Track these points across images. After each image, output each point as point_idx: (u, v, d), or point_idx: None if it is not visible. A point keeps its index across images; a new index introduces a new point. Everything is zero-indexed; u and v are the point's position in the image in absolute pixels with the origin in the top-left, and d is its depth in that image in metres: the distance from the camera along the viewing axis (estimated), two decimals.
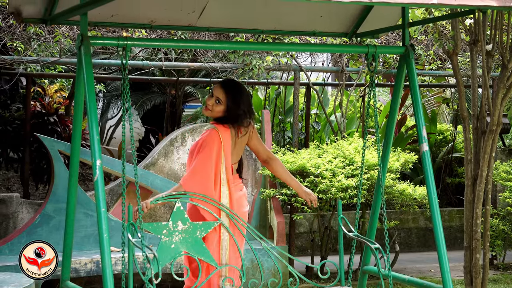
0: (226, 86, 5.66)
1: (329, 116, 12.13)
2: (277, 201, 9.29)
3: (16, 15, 5.45)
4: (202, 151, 5.65)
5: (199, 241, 5.29)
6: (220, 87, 5.65)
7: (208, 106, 5.67)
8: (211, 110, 5.67)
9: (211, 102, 5.65)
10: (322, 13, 6.02)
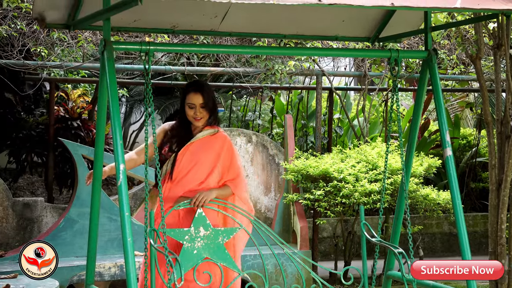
0: (201, 89, 5.59)
1: (351, 120, 12.10)
2: (300, 206, 9.27)
3: (39, 21, 5.48)
4: (238, 158, 5.73)
5: (221, 247, 5.28)
6: (197, 92, 5.55)
7: (198, 116, 5.55)
8: (202, 117, 5.57)
9: (199, 110, 5.54)
10: (344, 17, 6.00)
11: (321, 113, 10.32)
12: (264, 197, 9.86)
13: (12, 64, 8.73)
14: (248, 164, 9.78)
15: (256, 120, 12.25)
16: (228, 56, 10.38)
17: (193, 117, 5.54)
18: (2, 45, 8.75)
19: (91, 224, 5.40)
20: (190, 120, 5.58)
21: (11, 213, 8.89)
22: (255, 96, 13.07)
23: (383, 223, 9.71)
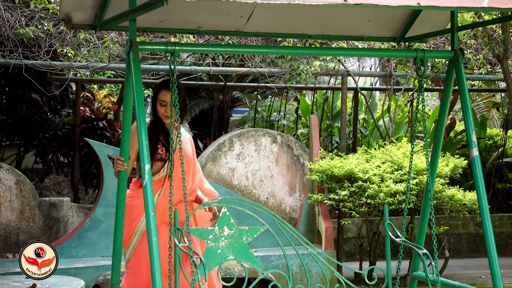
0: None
1: (377, 121, 12.07)
2: (325, 206, 9.25)
3: (66, 22, 5.52)
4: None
5: (246, 246, 5.28)
6: (169, 89, 5.37)
7: (168, 114, 5.60)
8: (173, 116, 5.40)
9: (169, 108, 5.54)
10: (370, 17, 5.99)
11: (346, 113, 10.29)
12: (289, 197, 9.86)
13: (39, 64, 8.79)
14: (273, 164, 9.78)
15: (281, 120, 12.25)
16: (253, 57, 10.39)
17: (164, 114, 5.68)
18: (29, 46, 8.82)
19: (117, 224, 5.43)
20: (161, 118, 5.73)
21: (38, 213, 8.95)
22: (280, 96, 13.07)
23: (408, 224, 9.67)
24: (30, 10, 8.72)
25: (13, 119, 10.45)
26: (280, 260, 8.73)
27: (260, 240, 8.68)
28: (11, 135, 10.98)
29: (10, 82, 10.19)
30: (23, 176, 8.97)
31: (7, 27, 8.52)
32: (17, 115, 10.32)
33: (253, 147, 9.71)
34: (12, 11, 8.65)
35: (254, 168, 9.71)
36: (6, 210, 8.80)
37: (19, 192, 8.87)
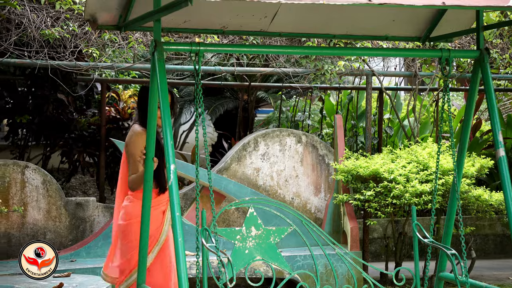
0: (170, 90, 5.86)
1: (402, 121, 12.02)
2: (350, 206, 9.23)
3: (91, 22, 5.55)
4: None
5: (273, 246, 5.29)
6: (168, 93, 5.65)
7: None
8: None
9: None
10: (394, 17, 5.97)
11: (371, 113, 10.26)
12: (314, 197, 9.84)
13: (64, 65, 8.84)
14: (298, 164, 9.77)
15: (305, 121, 12.23)
16: (278, 57, 10.38)
17: (159, 117, 5.58)
18: (55, 47, 8.86)
19: (143, 224, 5.44)
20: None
21: (64, 212, 9.01)
22: (304, 97, 13.05)
23: (434, 224, 9.62)
24: (56, 11, 8.77)
25: (39, 119, 10.51)
26: (305, 260, 8.72)
27: (286, 240, 8.66)
28: (37, 135, 11.04)
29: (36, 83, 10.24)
30: (50, 176, 9.02)
31: (33, 28, 8.58)
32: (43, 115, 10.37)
33: (278, 147, 9.71)
34: (38, 12, 8.71)
35: (279, 168, 9.70)
36: (33, 209, 8.86)
37: (46, 192, 8.93)
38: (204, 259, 4.85)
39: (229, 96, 14.76)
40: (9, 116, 10.55)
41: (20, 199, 8.81)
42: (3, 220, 8.69)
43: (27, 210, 8.86)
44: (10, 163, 8.90)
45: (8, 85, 10.61)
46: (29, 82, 10.24)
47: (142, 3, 5.25)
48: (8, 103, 10.69)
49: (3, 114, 10.62)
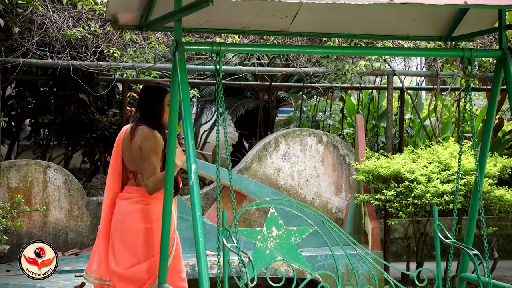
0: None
1: (423, 120, 11.96)
2: (371, 207, 9.21)
3: (113, 23, 5.57)
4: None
5: (294, 247, 5.28)
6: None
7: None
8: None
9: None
10: (416, 16, 5.95)
11: (392, 113, 10.23)
12: (335, 197, 9.83)
13: (86, 65, 8.88)
14: (319, 164, 9.76)
15: (326, 120, 12.21)
16: (298, 56, 10.37)
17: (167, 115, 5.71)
18: (77, 47, 8.90)
19: (164, 224, 5.45)
20: (166, 120, 5.72)
21: (86, 212, 9.05)
22: (325, 96, 13.03)
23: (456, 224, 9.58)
24: (77, 11, 8.81)
25: (61, 119, 10.56)
26: (326, 260, 8.71)
27: (307, 240, 8.65)
28: (59, 135, 11.09)
29: (58, 83, 10.29)
30: (71, 175, 9.07)
31: (55, 28, 8.62)
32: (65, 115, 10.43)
33: (299, 147, 9.70)
34: (60, 12, 8.75)
35: (300, 168, 9.70)
36: (55, 209, 8.91)
37: (68, 192, 8.97)
38: (225, 259, 4.85)
39: (250, 96, 14.77)
40: (31, 116, 10.61)
41: (42, 199, 8.86)
42: (26, 220, 8.74)
43: (49, 210, 8.91)
44: (32, 163, 8.95)
45: (30, 85, 10.67)
46: (51, 82, 10.29)
47: (163, 3, 5.27)
48: (30, 103, 10.76)
49: (26, 114, 10.68)
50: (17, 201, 7.64)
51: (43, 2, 8.68)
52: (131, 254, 5.63)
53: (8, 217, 7.64)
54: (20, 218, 8.44)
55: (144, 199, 5.70)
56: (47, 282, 7.30)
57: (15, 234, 8.68)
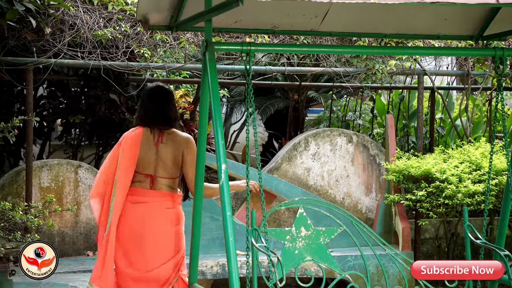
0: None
1: (454, 120, 11.89)
2: (402, 207, 9.17)
3: (143, 23, 5.59)
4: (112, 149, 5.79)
5: (323, 247, 5.27)
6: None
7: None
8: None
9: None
10: (446, 16, 5.91)
11: (422, 113, 10.18)
12: (365, 197, 9.80)
13: (116, 65, 8.92)
14: (349, 164, 9.73)
15: (356, 120, 12.18)
16: (328, 56, 10.35)
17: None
18: (107, 47, 8.95)
19: (194, 223, 5.48)
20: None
21: None
22: (355, 96, 12.99)
23: (487, 225, 9.51)
24: (108, 12, 8.86)
25: (92, 119, 10.61)
26: (356, 260, 8.69)
27: (337, 241, 8.63)
28: (90, 135, 11.14)
29: (89, 83, 10.34)
30: None
31: (86, 29, 8.68)
32: (95, 115, 10.47)
33: (329, 146, 9.68)
34: (91, 13, 8.81)
35: (330, 168, 9.68)
36: (85, 208, 8.96)
37: None
38: (254, 259, 4.86)
39: (280, 96, 14.76)
40: (62, 116, 10.67)
41: (73, 198, 8.92)
42: (57, 219, 8.81)
43: (80, 209, 8.97)
44: (63, 163, 9.02)
45: (62, 85, 10.74)
46: (82, 82, 10.35)
47: (193, 4, 5.28)
48: (61, 103, 10.82)
49: (57, 114, 10.74)
50: (48, 201, 7.70)
51: (75, 3, 8.74)
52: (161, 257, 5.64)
53: (40, 216, 7.69)
54: (52, 217, 8.50)
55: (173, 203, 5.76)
56: (78, 282, 7.35)
57: (47, 233, 8.75)
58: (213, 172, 12.69)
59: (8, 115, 9.40)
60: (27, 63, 8.61)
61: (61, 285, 7.30)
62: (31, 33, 8.42)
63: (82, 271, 7.91)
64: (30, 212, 7.50)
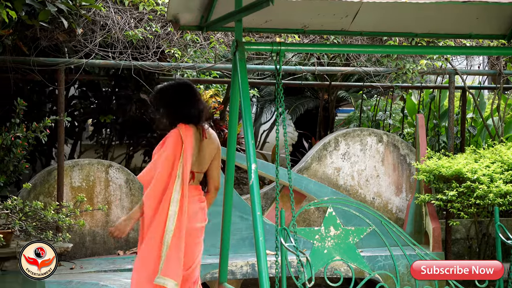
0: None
1: (485, 120, 11.80)
2: (432, 207, 9.12)
3: (174, 23, 5.62)
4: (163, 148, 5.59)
5: (352, 247, 5.26)
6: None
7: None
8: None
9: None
10: (478, 15, 5.87)
11: (453, 113, 10.12)
12: (395, 197, 9.76)
13: (147, 65, 8.96)
14: (379, 164, 9.70)
15: (386, 120, 12.13)
16: (359, 56, 10.32)
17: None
18: (138, 47, 8.99)
19: (224, 223, 5.49)
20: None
21: None
22: (385, 96, 12.95)
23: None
24: (139, 12, 8.90)
25: (122, 119, 10.67)
26: (386, 260, 8.65)
27: (366, 240, 8.62)
28: (120, 135, 11.20)
29: (120, 83, 10.39)
30: (133, 174, 9.16)
31: (117, 29, 8.73)
32: (126, 115, 10.53)
33: (359, 146, 9.66)
34: (122, 13, 8.86)
35: (360, 167, 9.65)
36: (116, 208, 9.01)
37: (129, 191, 9.07)
38: (283, 259, 4.86)
39: (310, 96, 14.74)
40: (93, 116, 10.74)
41: (104, 198, 8.98)
42: (88, 218, 8.87)
43: (111, 209, 9.02)
44: (94, 162, 9.08)
45: (93, 85, 10.81)
46: (113, 82, 10.40)
47: (223, 4, 5.30)
48: (93, 103, 10.89)
49: (88, 114, 10.82)
50: (79, 200, 7.75)
51: (106, 3, 8.80)
52: (197, 253, 5.62)
53: (71, 216, 7.75)
54: (83, 216, 8.56)
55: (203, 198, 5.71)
56: (109, 281, 7.39)
57: (78, 232, 8.81)
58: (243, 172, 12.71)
59: (40, 115, 9.48)
60: (58, 63, 8.68)
61: (92, 284, 7.35)
62: (63, 34, 8.48)
63: (112, 270, 7.96)
64: (62, 212, 7.56)
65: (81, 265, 8.34)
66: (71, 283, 7.30)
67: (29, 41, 8.64)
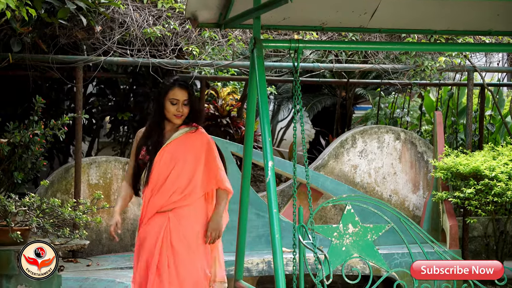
0: (186, 86, 5.47)
1: (504, 117, 11.75)
2: (450, 204, 9.09)
3: (192, 21, 5.63)
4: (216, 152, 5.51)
5: (371, 244, 5.26)
6: (182, 88, 5.43)
7: (179, 113, 5.35)
8: (183, 114, 5.38)
9: (181, 107, 5.35)
10: (499, 11, 5.84)
11: (472, 110, 10.07)
12: (412, 195, 9.73)
13: (165, 63, 8.97)
14: (396, 161, 9.68)
15: (404, 117, 12.10)
16: (377, 53, 10.29)
17: (174, 114, 5.35)
18: (156, 45, 9.01)
19: (240, 220, 5.49)
20: (169, 118, 5.39)
21: None
22: (403, 93, 12.91)
23: None
24: (157, 9, 8.92)
25: (140, 117, 10.70)
26: (403, 258, 8.63)
27: (383, 238, 8.58)
28: None
29: (138, 81, 10.43)
30: None
31: (136, 26, 8.74)
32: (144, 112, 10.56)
33: (376, 144, 9.63)
34: (141, 11, 8.87)
35: (377, 165, 9.63)
36: (133, 205, 9.03)
37: None
38: (300, 256, 4.86)
39: (327, 93, 14.73)
40: (111, 113, 10.78)
41: None
42: (105, 215, 8.89)
43: (128, 206, 9.03)
44: (111, 160, 9.10)
45: (110, 83, 10.84)
46: (131, 80, 10.43)
47: (242, 1, 5.30)
48: (110, 101, 10.93)
49: (106, 112, 10.85)
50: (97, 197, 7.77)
51: (124, 1, 8.82)
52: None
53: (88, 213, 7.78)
54: (100, 213, 8.59)
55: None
56: (126, 278, 7.42)
57: (95, 229, 8.84)
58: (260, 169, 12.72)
59: (58, 113, 9.52)
60: (77, 61, 8.71)
61: (109, 281, 7.37)
62: (82, 32, 8.51)
63: (129, 267, 7.98)
64: (79, 209, 7.58)
65: (98, 262, 8.37)
66: (88, 280, 7.33)
67: (48, 38, 8.67)
